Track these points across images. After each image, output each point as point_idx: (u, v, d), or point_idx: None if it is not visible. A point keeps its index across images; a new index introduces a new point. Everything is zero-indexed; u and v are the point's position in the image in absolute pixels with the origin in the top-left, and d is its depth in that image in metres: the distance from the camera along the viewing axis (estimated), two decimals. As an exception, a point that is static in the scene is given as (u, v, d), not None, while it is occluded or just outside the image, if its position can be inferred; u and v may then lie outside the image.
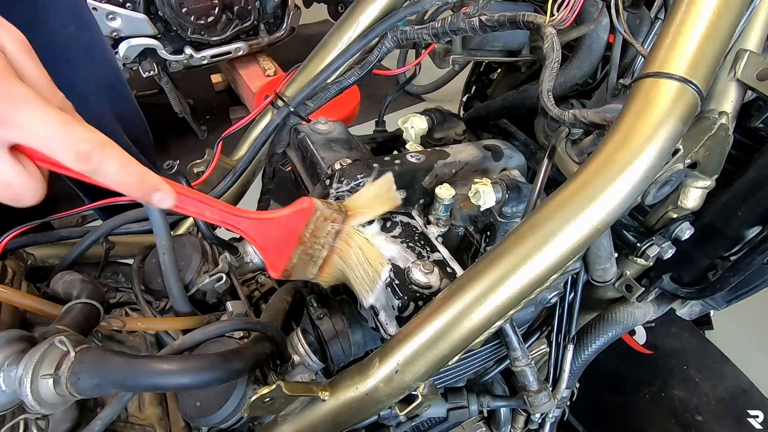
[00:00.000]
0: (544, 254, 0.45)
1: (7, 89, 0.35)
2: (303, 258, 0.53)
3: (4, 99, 0.34)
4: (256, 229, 0.49)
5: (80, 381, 0.44)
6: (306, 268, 0.55)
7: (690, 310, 0.81)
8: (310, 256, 0.54)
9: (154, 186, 0.42)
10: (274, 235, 0.51)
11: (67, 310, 0.55)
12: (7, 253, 0.67)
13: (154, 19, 2.17)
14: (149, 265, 0.75)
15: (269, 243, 0.51)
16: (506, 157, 0.77)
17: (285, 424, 0.52)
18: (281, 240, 0.51)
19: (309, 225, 0.52)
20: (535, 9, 0.73)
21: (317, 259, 0.55)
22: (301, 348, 0.65)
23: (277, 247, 0.51)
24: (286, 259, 0.52)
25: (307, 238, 0.52)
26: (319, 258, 0.55)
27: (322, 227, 0.53)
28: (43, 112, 0.35)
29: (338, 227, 0.54)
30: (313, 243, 0.53)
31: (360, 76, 0.77)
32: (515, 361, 0.69)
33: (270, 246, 0.51)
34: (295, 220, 0.51)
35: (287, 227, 0.51)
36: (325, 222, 0.53)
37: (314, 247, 0.53)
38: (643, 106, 0.46)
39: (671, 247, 0.66)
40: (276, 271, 0.53)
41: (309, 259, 0.54)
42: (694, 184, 0.60)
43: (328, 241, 0.54)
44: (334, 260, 0.56)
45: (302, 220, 0.51)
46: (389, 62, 2.77)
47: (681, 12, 0.48)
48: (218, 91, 3.05)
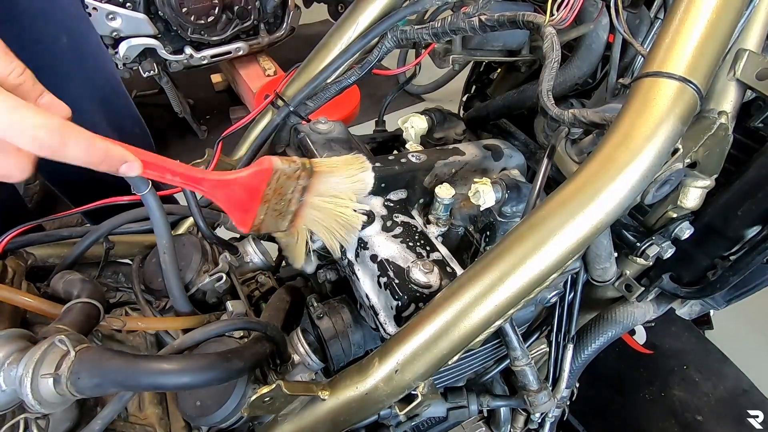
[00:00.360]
0: (544, 254, 0.45)
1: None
2: (271, 214, 0.55)
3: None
4: (218, 190, 0.51)
5: (80, 380, 0.44)
6: (276, 222, 0.56)
7: (690, 310, 0.81)
8: (278, 211, 0.55)
9: (121, 157, 0.43)
10: (236, 194, 0.52)
11: (67, 309, 0.55)
12: (7, 252, 0.67)
13: (154, 19, 2.17)
14: (149, 265, 0.75)
15: (232, 202, 0.52)
16: (506, 156, 0.77)
17: (285, 423, 0.52)
18: (245, 199, 0.52)
19: (271, 184, 0.53)
20: (535, 9, 0.73)
21: (287, 214, 0.56)
22: (301, 347, 0.65)
23: (242, 205, 0.53)
24: (252, 216, 0.54)
25: (270, 195, 0.54)
26: (288, 212, 0.56)
27: (286, 185, 0.54)
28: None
29: (304, 183, 0.55)
30: (278, 200, 0.54)
31: (360, 76, 0.77)
32: (515, 361, 0.69)
33: (233, 205, 0.52)
34: (256, 180, 0.52)
35: (249, 187, 0.52)
36: (289, 180, 0.54)
37: (281, 203, 0.55)
38: (642, 105, 0.46)
39: (671, 247, 0.66)
40: (244, 227, 0.54)
41: (278, 215, 0.55)
42: (694, 183, 0.60)
43: (295, 197, 0.56)
44: (305, 212, 0.57)
45: (263, 180, 0.52)
46: (389, 62, 2.77)
47: (680, 12, 0.48)
48: (218, 91, 3.05)
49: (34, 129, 0.37)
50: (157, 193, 0.61)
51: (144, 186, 0.60)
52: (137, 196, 0.59)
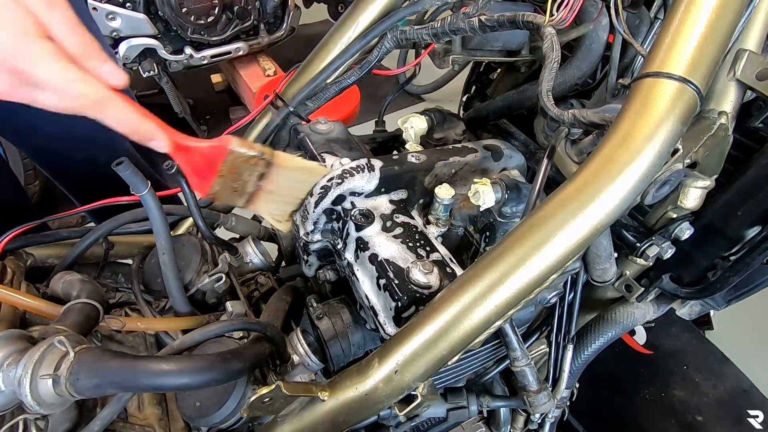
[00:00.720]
0: (544, 254, 0.45)
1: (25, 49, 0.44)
2: (226, 188, 0.57)
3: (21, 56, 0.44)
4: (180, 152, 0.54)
5: (79, 381, 0.44)
6: (232, 197, 0.58)
7: (690, 310, 0.81)
8: (233, 188, 0.57)
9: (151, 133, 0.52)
10: (196, 160, 0.55)
11: (67, 310, 0.55)
12: (7, 253, 0.67)
13: (154, 19, 2.17)
14: (149, 265, 0.75)
15: (192, 167, 0.55)
16: (506, 157, 0.77)
17: (284, 424, 0.52)
18: (203, 167, 0.55)
19: (226, 162, 0.55)
20: (535, 9, 0.73)
21: (242, 194, 0.59)
22: (301, 348, 0.65)
23: (200, 172, 0.56)
24: (208, 185, 0.56)
25: (225, 173, 0.56)
26: (244, 192, 0.59)
27: (242, 167, 0.56)
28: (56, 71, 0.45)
29: (262, 170, 0.58)
30: (234, 179, 0.57)
31: (360, 76, 0.77)
32: (515, 361, 0.69)
33: (193, 169, 0.56)
34: (214, 154, 0.55)
35: (207, 158, 0.55)
36: (245, 163, 0.56)
37: (236, 183, 0.57)
38: (642, 106, 0.46)
39: (671, 247, 0.66)
40: (201, 191, 0.57)
41: (233, 191, 0.58)
42: (694, 184, 0.60)
43: (251, 180, 0.58)
44: (262, 195, 0.60)
45: (220, 155, 0.55)
46: (389, 62, 2.77)
47: (680, 12, 0.48)
48: (218, 91, 3.05)
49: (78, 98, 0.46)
50: (156, 193, 0.61)
51: (143, 186, 0.60)
52: (137, 196, 0.60)
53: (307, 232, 0.65)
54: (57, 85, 0.45)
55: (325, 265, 0.71)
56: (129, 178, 0.58)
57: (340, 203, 0.64)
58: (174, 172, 0.61)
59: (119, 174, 0.58)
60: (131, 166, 0.58)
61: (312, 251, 0.68)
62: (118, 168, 0.57)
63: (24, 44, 0.44)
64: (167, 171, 0.62)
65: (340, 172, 0.62)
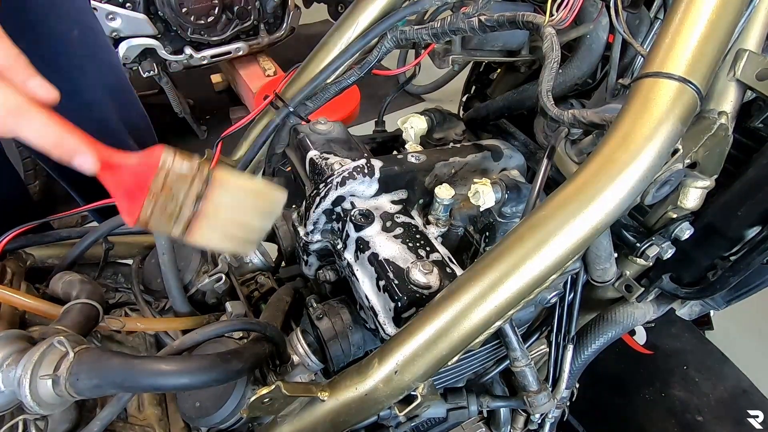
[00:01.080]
0: (544, 254, 0.45)
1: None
2: (160, 212, 0.48)
3: None
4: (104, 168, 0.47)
5: (79, 381, 0.44)
6: (166, 224, 0.49)
7: (690, 310, 0.81)
8: (167, 213, 0.49)
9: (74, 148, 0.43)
10: (125, 180, 0.47)
11: (67, 310, 0.55)
12: (7, 253, 0.67)
13: (154, 19, 2.17)
14: (149, 266, 0.75)
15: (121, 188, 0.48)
16: (506, 157, 0.77)
17: (284, 424, 0.52)
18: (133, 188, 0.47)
19: (157, 179, 0.47)
20: (535, 9, 0.73)
21: (179, 219, 0.49)
22: (301, 348, 0.65)
23: (130, 194, 0.48)
24: (138, 208, 0.48)
25: (156, 192, 0.47)
26: (180, 218, 0.49)
27: (177, 186, 0.48)
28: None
29: (198, 190, 0.49)
30: (167, 200, 0.48)
31: (360, 76, 0.77)
32: (515, 362, 0.69)
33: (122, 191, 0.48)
34: (142, 169, 0.47)
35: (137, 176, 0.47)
36: (179, 181, 0.48)
37: (170, 205, 0.48)
38: (642, 106, 0.46)
39: (671, 247, 0.66)
40: (130, 217, 0.48)
41: (168, 217, 0.49)
42: (694, 184, 0.59)
43: (188, 203, 0.49)
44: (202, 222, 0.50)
45: (149, 172, 0.47)
46: (389, 62, 2.77)
47: (680, 12, 0.48)
48: (218, 91, 3.05)
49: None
50: None
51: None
52: None
53: (307, 232, 0.65)
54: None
55: (325, 265, 0.71)
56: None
57: (339, 204, 0.64)
58: None
59: None
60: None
61: (312, 251, 0.68)
62: None
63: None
64: None
65: (341, 177, 0.62)
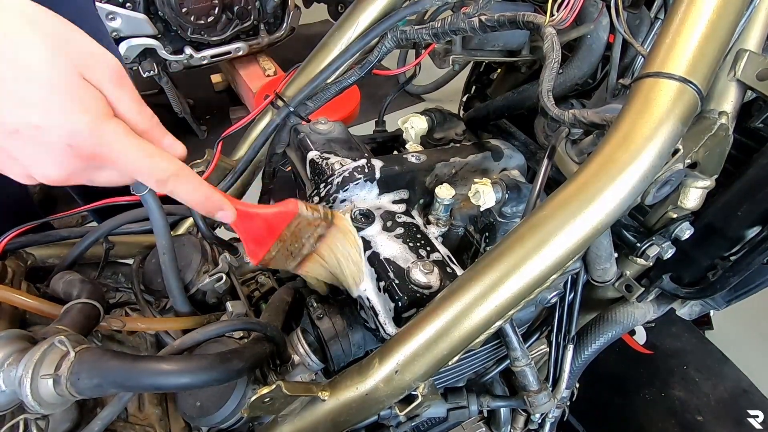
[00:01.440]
0: (544, 254, 0.45)
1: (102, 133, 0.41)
2: (283, 252, 0.56)
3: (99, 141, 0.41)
4: (241, 220, 0.52)
5: (80, 381, 0.44)
6: (285, 261, 0.58)
7: (690, 310, 0.81)
8: (290, 252, 0.57)
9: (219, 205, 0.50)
10: (256, 227, 0.54)
11: (67, 310, 0.55)
12: (7, 253, 0.67)
13: (154, 19, 2.17)
14: (149, 265, 0.75)
15: (250, 234, 0.54)
16: (506, 157, 0.77)
17: (285, 424, 0.52)
18: (262, 233, 0.54)
19: (291, 226, 0.54)
20: (535, 9, 0.73)
21: (297, 256, 0.58)
22: (301, 348, 0.65)
23: (258, 239, 0.54)
24: (265, 251, 0.55)
25: (287, 237, 0.55)
26: (299, 255, 0.58)
27: (304, 230, 0.56)
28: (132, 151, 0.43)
29: (321, 232, 0.57)
30: (293, 242, 0.56)
31: (360, 76, 0.77)
32: (515, 361, 0.69)
33: (251, 236, 0.54)
34: (279, 219, 0.54)
35: (270, 223, 0.54)
36: (308, 226, 0.55)
37: (294, 246, 0.56)
38: (643, 106, 0.46)
39: (671, 247, 0.66)
40: (255, 258, 0.56)
41: (289, 255, 0.57)
42: (694, 184, 0.60)
43: (309, 242, 0.57)
44: (314, 258, 0.59)
45: (285, 220, 0.54)
46: (389, 62, 2.77)
47: (681, 12, 0.48)
48: (218, 91, 3.04)
49: (159, 172, 0.44)
50: (156, 193, 0.61)
51: (143, 186, 0.60)
52: (137, 196, 0.59)
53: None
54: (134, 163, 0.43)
55: (325, 265, 0.71)
56: None
57: (340, 204, 0.64)
58: None
59: None
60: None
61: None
62: None
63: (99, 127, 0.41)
64: None
65: (341, 177, 0.62)
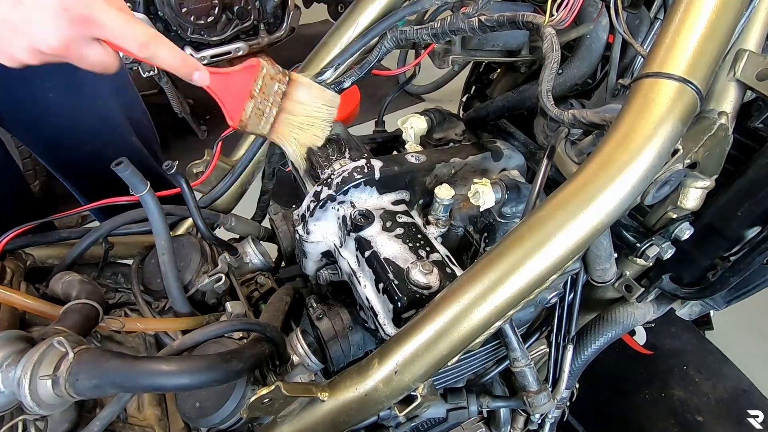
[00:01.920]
0: (544, 255, 0.45)
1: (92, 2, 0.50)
2: (255, 113, 0.64)
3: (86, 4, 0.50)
4: (215, 82, 0.61)
5: (79, 382, 0.44)
6: (258, 123, 0.65)
7: (690, 311, 0.80)
8: (261, 111, 0.64)
9: (195, 66, 0.59)
10: (229, 87, 0.62)
11: (66, 310, 0.55)
12: (7, 253, 0.67)
13: (154, 19, 2.16)
14: (148, 266, 0.75)
15: (226, 94, 0.62)
16: (506, 157, 0.77)
17: (284, 424, 0.52)
18: (236, 93, 0.62)
19: (257, 81, 0.63)
20: (535, 9, 0.73)
21: (268, 116, 0.65)
22: (301, 348, 0.65)
23: (233, 99, 0.62)
24: (240, 111, 0.63)
25: (256, 93, 0.63)
26: (270, 115, 0.65)
27: (269, 85, 0.64)
28: (115, 17, 0.51)
29: (284, 88, 0.65)
30: (262, 99, 0.64)
31: (359, 77, 0.77)
32: (515, 362, 0.69)
33: (227, 97, 0.62)
34: (246, 76, 0.62)
35: (240, 81, 0.62)
36: (272, 81, 0.64)
37: (264, 104, 0.64)
38: (642, 106, 0.46)
39: (671, 248, 0.66)
40: (233, 120, 0.64)
41: (261, 114, 0.65)
42: (694, 184, 0.59)
43: (276, 100, 0.65)
44: (283, 118, 0.67)
45: (252, 75, 0.62)
46: (389, 62, 2.77)
47: (680, 12, 0.48)
48: (218, 91, 3.04)
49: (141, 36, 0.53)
50: (156, 193, 0.61)
51: (142, 186, 0.60)
52: (137, 196, 0.60)
53: (307, 232, 0.65)
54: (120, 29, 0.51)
55: (325, 266, 0.71)
56: (128, 178, 0.58)
57: (339, 204, 0.64)
58: (173, 172, 0.61)
59: (119, 174, 0.58)
60: (131, 165, 0.58)
61: (312, 252, 0.68)
62: (117, 168, 0.57)
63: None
64: (167, 171, 0.62)
65: (340, 177, 0.62)
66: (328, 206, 0.63)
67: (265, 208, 0.96)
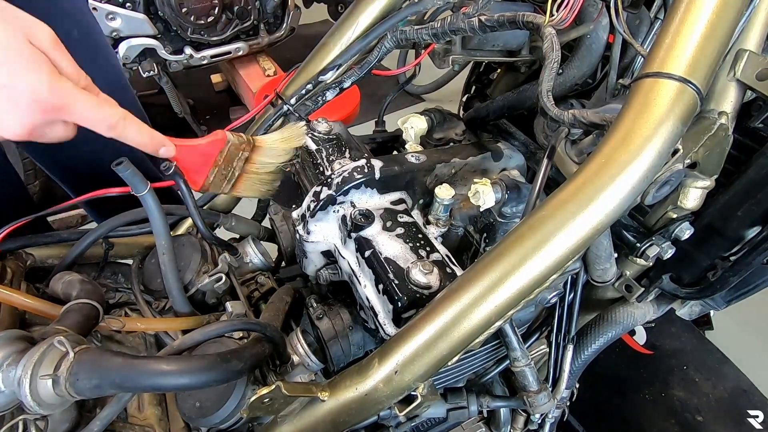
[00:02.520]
0: (544, 254, 0.45)
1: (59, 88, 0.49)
2: (219, 177, 0.68)
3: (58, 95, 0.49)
4: (181, 154, 0.63)
5: (79, 381, 0.44)
6: (221, 185, 0.69)
7: (690, 310, 0.80)
8: (224, 175, 0.68)
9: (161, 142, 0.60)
10: (194, 157, 0.65)
11: (67, 310, 0.55)
12: (7, 253, 0.67)
13: (154, 19, 2.16)
14: (149, 266, 0.75)
15: (190, 164, 0.65)
16: (506, 157, 0.77)
17: (284, 424, 0.52)
18: (201, 162, 0.66)
19: (223, 152, 0.66)
20: (535, 9, 0.73)
21: (231, 179, 0.69)
22: (301, 348, 0.65)
23: (198, 167, 0.66)
24: (203, 177, 0.67)
25: (221, 162, 0.67)
26: (232, 177, 0.69)
27: (234, 154, 0.68)
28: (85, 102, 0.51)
29: (247, 155, 0.69)
30: (226, 165, 0.67)
31: (360, 77, 0.77)
32: (515, 362, 0.69)
33: (191, 167, 0.65)
34: (212, 147, 0.66)
35: (205, 153, 0.65)
36: (237, 150, 0.68)
37: (227, 169, 0.68)
38: (642, 106, 0.46)
39: (671, 248, 0.66)
40: (195, 185, 0.67)
41: (223, 179, 0.69)
42: (694, 184, 0.59)
43: (239, 165, 0.69)
44: (244, 177, 0.71)
45: (217, 147, 0.66)
46: (389, 62, 2.77)
47: (680, 12, 0.48)
48: (218, 91, 3.04)
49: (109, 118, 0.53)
50: (151, 185, 0.61)
51: (143, 186, 0.60)
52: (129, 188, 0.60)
53: (307, 232, 0.65)
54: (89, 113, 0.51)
55: (325, 265, 0.71)
56: (128, 178, 0.58)
57: (340, 204, 0.64)
58: (171, 173, 0.62)
59: (119, 174, 0.58)
60: (131, 166, 0.58)
61: (312, 251, 0.68)
62: (117, 168, 0.57)
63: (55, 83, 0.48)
64: (164, 172, 0.62)
65: (340, 177, 0.62)
66: (329, 206, 0.63)
67: (265, 208, 0.96)
